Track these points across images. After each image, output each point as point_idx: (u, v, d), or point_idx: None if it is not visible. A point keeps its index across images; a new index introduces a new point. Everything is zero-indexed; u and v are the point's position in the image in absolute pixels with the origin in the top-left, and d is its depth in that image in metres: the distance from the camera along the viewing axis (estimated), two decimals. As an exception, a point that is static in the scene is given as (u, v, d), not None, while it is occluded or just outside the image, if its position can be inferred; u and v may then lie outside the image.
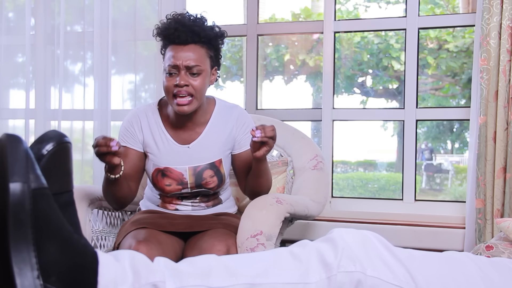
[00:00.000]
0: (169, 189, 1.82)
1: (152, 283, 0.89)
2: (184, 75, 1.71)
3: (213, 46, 1.79)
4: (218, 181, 1.84)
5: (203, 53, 1.75)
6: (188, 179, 1.81)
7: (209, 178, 1.82)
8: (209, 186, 1.83)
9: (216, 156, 1.83)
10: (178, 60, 1.71)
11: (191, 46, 1.73)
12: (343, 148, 3.65)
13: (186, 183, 1.81)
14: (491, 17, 2.21)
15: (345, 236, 1.00)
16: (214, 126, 1.84)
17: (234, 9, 3.44)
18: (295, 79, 3.73)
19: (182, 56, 1.71)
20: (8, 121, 2.92)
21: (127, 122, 1.86)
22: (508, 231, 1.62)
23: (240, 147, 1.87)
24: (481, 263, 1.04)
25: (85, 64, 2.73)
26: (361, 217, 2.57)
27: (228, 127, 1.85)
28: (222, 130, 1.84)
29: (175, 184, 1.81)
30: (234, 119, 1.86)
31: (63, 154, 0.93)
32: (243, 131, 1.86)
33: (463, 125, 4.04)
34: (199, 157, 1.82)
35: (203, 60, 1.74)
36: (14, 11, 2.91)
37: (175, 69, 1.72)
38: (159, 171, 1.81)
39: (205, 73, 1.75)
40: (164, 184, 1.81)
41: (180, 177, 1.81)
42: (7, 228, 0.80)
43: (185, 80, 1.71)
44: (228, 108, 1.89)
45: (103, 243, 1.93)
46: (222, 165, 1.84)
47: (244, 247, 1.63)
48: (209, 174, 1.82)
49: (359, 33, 3.47)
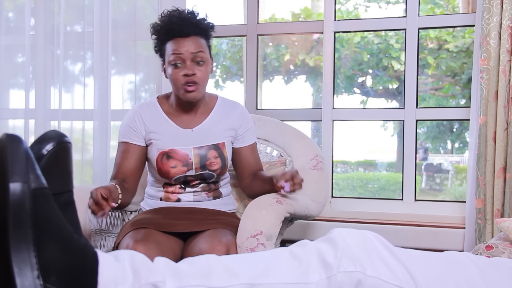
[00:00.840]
0: (174, 171, 1.85)
1: (152, 283, 0.89)
2: (190, 65, 1.80)
3: (208, 37, 1.89)
4: (221, 163, 1.89)
5: (203, 43, 1.84)
6: (193, 159, 1.85)
7: (213, 158, 1.87)
8: (213, 167, 1.88)
9: (219, 139, 1.90)
10: (183, 48, 1.79)
11: (193, 38, 1.82)
12: (343, 148, 3.65)
13: (191, 164, 1.85)
14: (491, 17, 2.21)
15: (345, 236, 1.00)
16: (216, 115, 1.92)
17: (234, 9, 3.44)
18: (295, 79, 3.74)
19: (187, 46, 1.79)
20: (8, 121, 2.92)
21: (128, 119, 1.91)
22: (508, 231, 1.62)
23: (244, 142, 1.94)
24: (481, 263, 1.04)
25: (85, 64, 2.73)
26: (361, 217, 2.57)
27: (231, 119, 1.93)
28: (225, 120, 1.92)
29: (181, 165, 1.85)
30: (237, 114, 1.94)
31: (63, 154, 0.93)
32: (245, 127, 1.95)
33: (463, 125, 4.04)
34: (203, 138, 1.88)
35: (204, 49, 1.83)
36: (14, 11, 2.91)
37: (180, 60, 1.79)
38: (163, 154, 1.85)
39: (207, 62, 1.84)
40: (170, 167, 1.85)
41: (185, 157, 1.85)
42: (7, 228, 0.80)
43: (192, 69, 1.79)
44: (230, 103, 1.98)
45: (103, 243, 1.93)
46: (225, 149, 1.90)
47: (244, 247, 1.63)
48: (213, 154, 1.87)
49: (359, 33, 3.47)
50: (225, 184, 1.98)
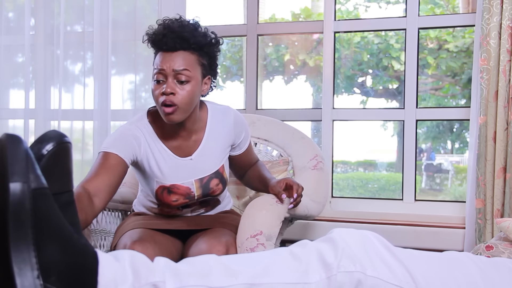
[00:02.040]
0: (175, 204, 1.76)
1: (152, 283, 0.89)
2: (171, 83, 1.61)
3: (206, 54, 1.69)
4: (223, 187, 1.82)
5: (193, 59, 1.65)
6: (195, 192, 1.76)
7: (215, 186, 1.79)
8: (216, 193, 1.81)
9: (219, 163, 1.80)
10: (165, 64, 1.61)
11: (180, 53, 1.63)
12: (343, 148, 3.65)
13: (193, 196, 1.77)
14: (491, 17, 2.21)
15: (345, 236, 1.00)
16: (212, 132, 1.78)
17: (234, 9, 3.44)
18: (295, 79, 3.73)
19: (170, 61, 1.62)
20: (8, 121, 2.92)
21: (120, 134, 1.69)
22: (508, 231, 1.62)
23: (240, 149, 1.87)
24: (481, 263, 1.04)
25: (85, 64, 2.73)
26: (361, 217, 2.57)
27: (225, 131, 1.79)
28: (221, 135, 1.79)
29: (182, 198, 1.76)
30: (231, 124, 1.80)
31: (63, 154, 0.93)
32: (241, 135, 1.84)
33: (463, 125, 4.04)
34: (203, 167, 1.76)
35: (192, 67, 1.64)
36: (14, 11, 2.91)
37: (163, 75, 1.62)
38: (164, 189, 1.73)
39: (194, 82, 1.64)
40: (171, 200, 1.75)
41: (188, 191, 1.75)
42: (7, 228, 0.80)
43: (171, 88, 1.61)
44: (221, 111, 1.81)
45: (103, 243, 1.93)
46: (225, 170, 1.82)
47: (244, 247, 1.63)
48: (215, 183, 1.79)
49: (359, 33, 3.47)
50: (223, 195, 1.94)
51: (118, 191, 2.07)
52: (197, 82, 1.65)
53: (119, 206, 2.01)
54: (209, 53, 1.70)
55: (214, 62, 1.74)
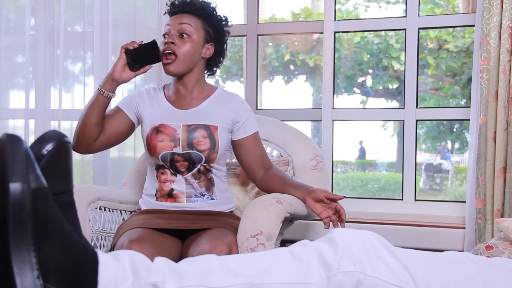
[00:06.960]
0: (161, 145, 1.82)
1: (152, 283, 0.89)
2: (174, 35, 1.82)
3: (212, 25, 1.88)
4: (210, 144, 1.83)
5: (197, 23, 1.85)
6: (180, 135, 1.83)
7: (202, 138, 1.83)
8: (201, 147, 1.83)
9: (212, 121, 1.86)
10: (172, 21, 1.84)
11: (186, 15, 1.84)
12: (343, 148, 3.65)
13: (178, 140, 1.82)
14: (491, 17, 2.21)
15: (345, 236, 1.00)
16: (213, 101, 1.90)
17: (234, 9, 3.44)
18: (295, 79, 3.74)
19: (177, 20, 1.83)
20: (8, 121, 2.93)
21: (132, 94, 1.97)
22: (508, 231, 1.62)
23: (245, 132, 1.90)
24: (481, 263, 1.04)
25: (85, 64, 2.73)
26: (361, 217, 2.57)
27: (228, 107, 1.89)
28: (222, 106, 1.89)
29: (168, 140, 1.83)
30: (235, 104, 1.91)
31: (63, 154, 0.93)
32: (244, 116, 1.91)
33: (463, 125, 4.04)
34: (195, 119, 1.86)
35: (195, 26, 1.84)
36: (14, 11, 2.91)
37: (168, 31, 1.83)
38: (154, 129, 1.85)
39: (196, 38, 1.83)
40: (157, 140, 1.83)
41: (173, 132, 1.83)
42: (7, 228, 0.80)
43: (173, 38, 1.81)
44: (228, 93, 1.96)
45: (103, 243, 1.93)
46: (217, 133, 1.84)
47: (244, 247, 1.63)
48: (202, 134, 1.84)
49: (359, 33, 3.47)
50: (219, 177, 1.92)
51: (118, 191, 2.09)
52: (198, 41, 1.84)
53: (119, 206, 2.01)
54: (216, 25, 1.89)
55: (220, 36, 1.92)
